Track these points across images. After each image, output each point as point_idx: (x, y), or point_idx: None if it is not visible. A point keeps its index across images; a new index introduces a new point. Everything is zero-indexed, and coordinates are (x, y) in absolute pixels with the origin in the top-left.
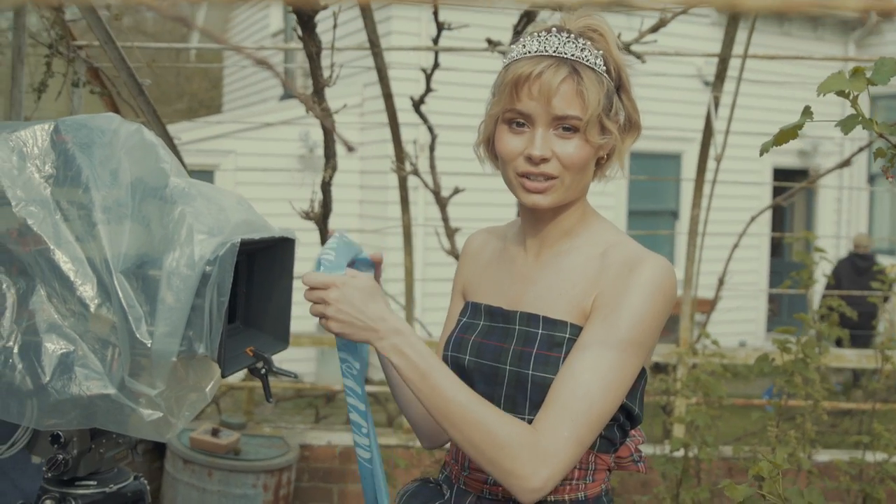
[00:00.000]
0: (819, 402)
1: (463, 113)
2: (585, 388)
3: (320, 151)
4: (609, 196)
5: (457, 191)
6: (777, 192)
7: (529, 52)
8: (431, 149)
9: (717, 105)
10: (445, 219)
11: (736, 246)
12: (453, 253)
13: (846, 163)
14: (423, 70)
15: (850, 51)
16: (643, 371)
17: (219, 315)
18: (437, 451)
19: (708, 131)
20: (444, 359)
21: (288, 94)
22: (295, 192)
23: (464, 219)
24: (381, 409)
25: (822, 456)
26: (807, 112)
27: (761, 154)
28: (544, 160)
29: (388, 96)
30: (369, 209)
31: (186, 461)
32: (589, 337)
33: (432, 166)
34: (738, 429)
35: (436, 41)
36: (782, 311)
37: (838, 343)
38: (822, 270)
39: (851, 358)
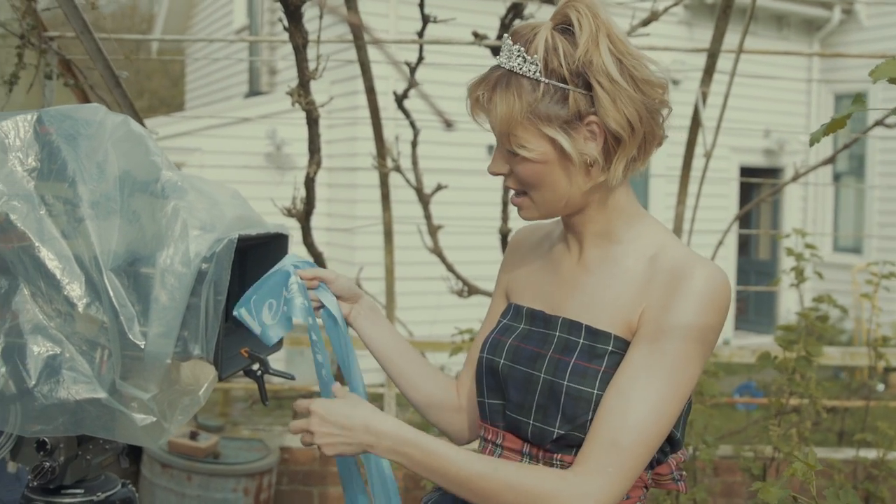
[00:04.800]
0: (818, 399)
1: (445, 110)
2: (634, 420)
3: (288, 149)
4: None
5: (439, 188)
6: (744, 189)
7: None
8: (414, 145)
9: (704, 100)
10: (428, 216)
11: (720, 244)
12: (437, 251)
13: (831, 160)
14: (408, 64)
15: (815, 49)
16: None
17: (215, 315)
18: None
19: (695, 126)
20: (479, 361)
21: (254, 91)
22: (265, 190)
23: (445, 217)
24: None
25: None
26: (859, 100)
27: (811, 144)
28: (503, 175)
29: (370, 90)
30: (338, 208)
31: (164, 465)
32: (638, 360)
33: (415, 163)
34: (714, 428)
35: (420, 34)
36: (749, 310)
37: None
38: (812, 267)
39: (836, 355)
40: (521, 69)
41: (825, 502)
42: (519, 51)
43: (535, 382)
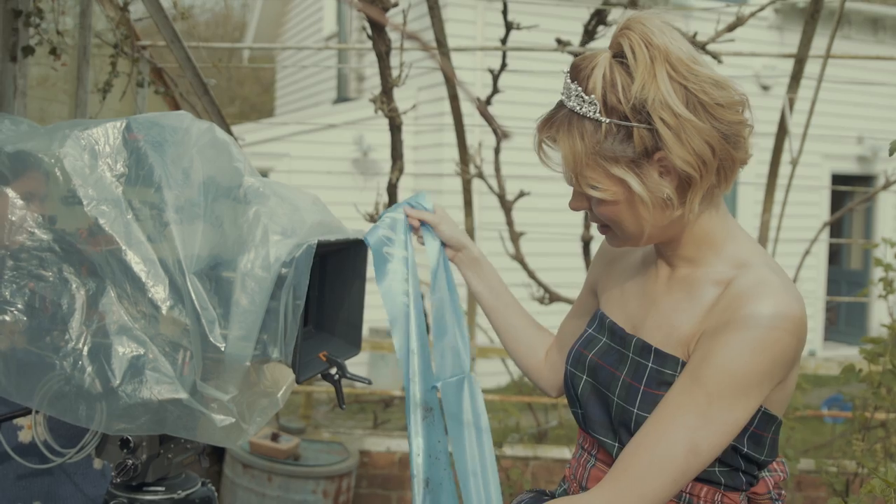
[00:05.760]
0: None
1: (528, 117)
2: (661, 457)
3: (374, 155)
4: None
5: (522, 194)
6: (836, 197)
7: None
8: (496, 152)
9: (791, 107)
10: (510, 223)
11: (807, 253)
12: (518, 258)
13: None
14: (491, 71)
15: None
16: (773, 418)
17: (294, 319)
18: (533, 466)
19: (781, 133)
20: (566, 373)
21: (342, 98)
22: (350, 196)
23: (526, 224)
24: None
25: None
26: None
27: (892, 153)
28: (585, 210)
29: (454, 98)
30: None
31: (246, 466)
32: (677, 392)
33: (497, 169)
34: (800, 441)
35: (503, 41)
36: (839, 321)
37: None
38: None
39: None
40: (580, 110)
41: None
42: (577, 90)
43: (611, 405)
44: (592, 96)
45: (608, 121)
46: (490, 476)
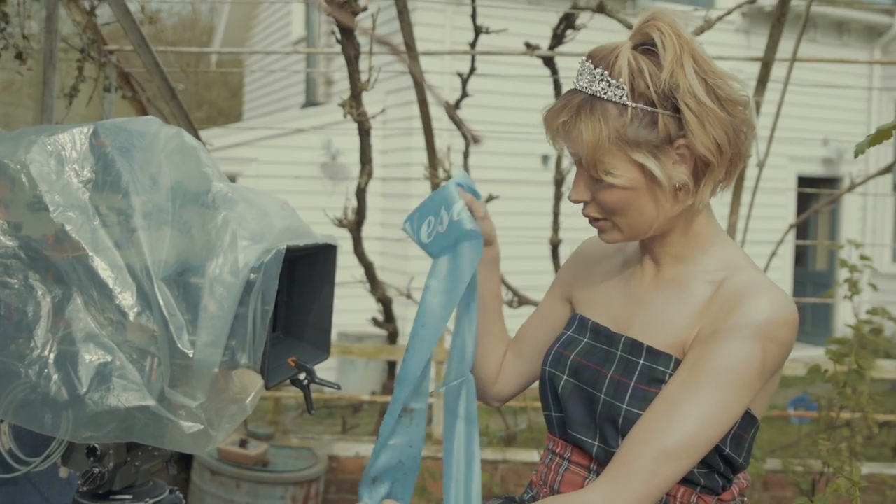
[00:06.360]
0: (870, 413)
1: (497, 121)
2: (681, 430)
3: (343, 159)
4: None
5: (491, 198)
6: (801, 199)
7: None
8: (465, 156)
9: (758, 109)
10: None
11: (774, 254)
12: None
13: (888, 169)
14: (460, 75)
15: (876, 57)
16: (754, 420)
17: (262, 324)
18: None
19: None
20: (543, 373)
21: (311, 102)
22: (319, 200)
23: (496, 227)
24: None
25: (863, 469)
26: None
27: (856, 155)
28: (583, 203)
29: (423, 102)
30: (392, 217)
31: (214, 472)
32: (685, 373)
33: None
34: (767, 441)
35: (472, 45)
36: (806, 321)
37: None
38: (867, 279)
39: (891, 368)
40: (605, 94)
41: None
42: (602, 74)
43: (596, 403)
44: (620, 80)
45: (635, 105)
46: (474, 488)
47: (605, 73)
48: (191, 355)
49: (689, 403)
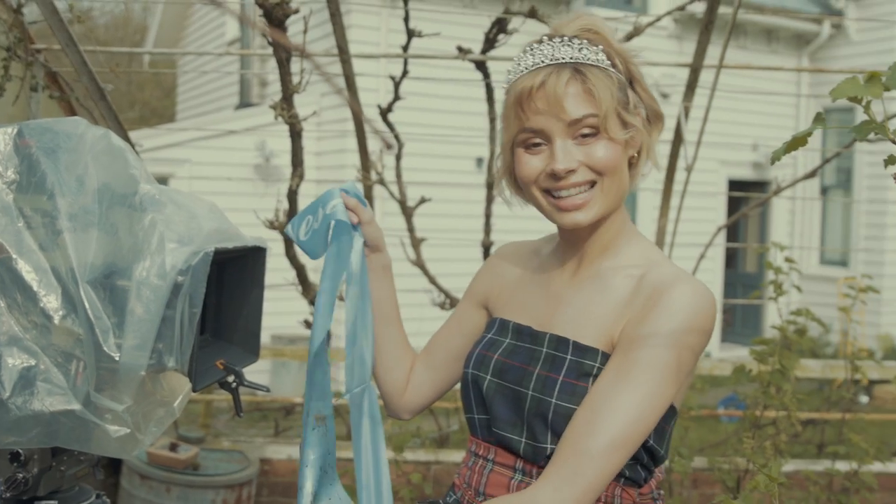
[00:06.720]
0: (793, 412)
1: (432, 123)
2: (603, 427)
3: (277, 161)
4: None
5: (423, 200)
6: (732, 203)
7: (526, 69)
8: (398, 158)
9: (687, 114)
10: (411, 229)
11: (703, 256)
12: (419, 263)
13: (813, 174)
14: (392, 78)
15: (804, 64)
16: (674, 412)
17: (190, 327)
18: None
19: (677, 140)
20: (465, 376)
21: (245, 103)
22: (252, 202)
23: (427, 230)
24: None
25: (788, 466)
26: (819, 119)
27: (773, 162)
28: (570, 172)
29: (355, 104)
30: None
31: (144, 477)
32: (611, 370)
33: (398, 176)
34: (696, 440)
35: (405, 48)
36: (736, 322)
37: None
38: (791, 281)
39: (816, 368)
40: (594, 60)
41: None
42: (581, 43)
43: (524, 400)
44: (600, 46)
45: (615, 72)
46: (384, 492)
47: (584, 42)
48: (117, 359)
49: (625, 395)
